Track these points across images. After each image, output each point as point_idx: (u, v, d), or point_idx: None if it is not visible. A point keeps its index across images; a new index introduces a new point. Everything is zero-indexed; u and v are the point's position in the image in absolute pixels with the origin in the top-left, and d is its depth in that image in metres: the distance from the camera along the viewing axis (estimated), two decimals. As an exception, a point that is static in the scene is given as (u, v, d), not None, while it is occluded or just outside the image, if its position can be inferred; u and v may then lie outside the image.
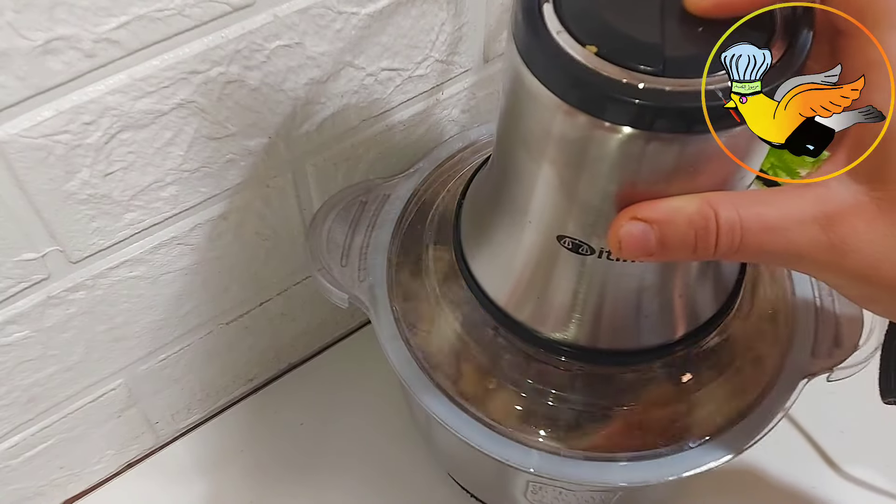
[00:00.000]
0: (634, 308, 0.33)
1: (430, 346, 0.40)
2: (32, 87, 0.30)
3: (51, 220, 0.34)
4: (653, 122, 0.25)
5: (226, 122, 0.37)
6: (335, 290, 0.40)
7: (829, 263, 0.25)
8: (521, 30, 0.27)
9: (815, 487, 0.50)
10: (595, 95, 0.25)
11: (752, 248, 0.26)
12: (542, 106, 0.27)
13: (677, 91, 0.24)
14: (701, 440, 0.36)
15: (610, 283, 0.32)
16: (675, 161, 0.26)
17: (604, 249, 0.30)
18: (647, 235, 0.27)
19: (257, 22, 0.35)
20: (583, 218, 0.29)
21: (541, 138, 0.28)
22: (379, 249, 0.41)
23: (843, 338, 0.39)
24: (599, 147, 0.26)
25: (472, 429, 0.36)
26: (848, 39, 0.25)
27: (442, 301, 0.40)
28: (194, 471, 0.51)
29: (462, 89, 0.48)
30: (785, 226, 0.25)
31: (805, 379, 0.38)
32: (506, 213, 0.33)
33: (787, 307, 0.41)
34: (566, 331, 0.34)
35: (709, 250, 0.26)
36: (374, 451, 0.51)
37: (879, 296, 0.26)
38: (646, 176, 0.27)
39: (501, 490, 0.43)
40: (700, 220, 0.26)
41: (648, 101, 0.24)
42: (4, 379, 0.39)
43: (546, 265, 0.33)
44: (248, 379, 0.53)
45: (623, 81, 0.24)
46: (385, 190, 0.44)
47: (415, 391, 0.37)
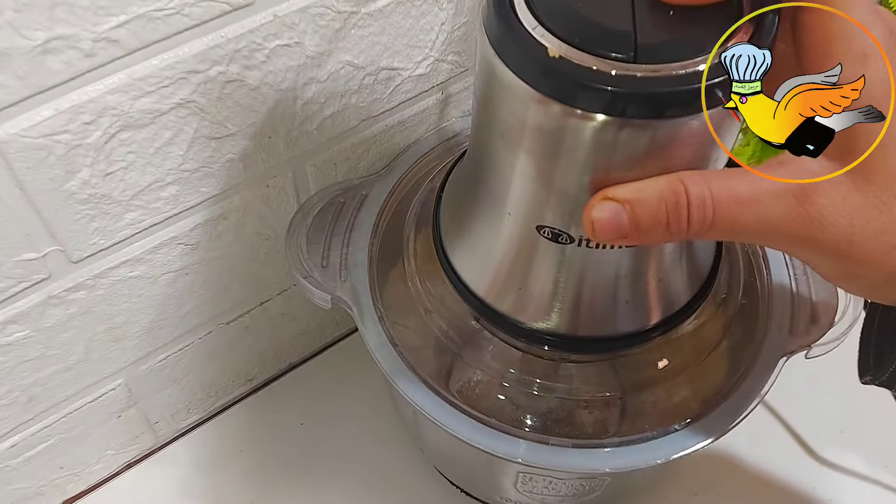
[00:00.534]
0: (612, 295, 0.33)
1: (415, 342, 0.40)
2: (32, 87, 0.30)
3: (51, 219, 0.34)
4: (625, 108, 0.25)
5: (226, 121, 0.37)
6: (317, 291, 0.40)
7: (805, 238, 0.25)
8: (493, 21, 0.27)
9: (792, 472, 0.50)
10: (567, 84, 0.25)
11: (725, 222, 0.25)
12: (515, 97, 0.27)
13: (649, 77, 0.24)
14: (685, 423, 0.37)
15: (589, 270, 0.32)
16: (648, 147, 0.26)
17: (583, 238, 0.30)
18: (619, 216, 0.26)
19: (257, 21, 0.35)
20: (561, 207, 0.29)
21: (516, 129, 0.28)
22: (359, 249, 0.41)
23: (820, 314, 0.40)
24: (574, 136, 0.26)
25: (459, 422, 0.36)
26: (807, 14, 0.25)
27: (424, 296, 0.40)
28: (194, 471, 0.51)
29: (462, 89, 0.48)
30: (758, 198, 0.25)
31: (784, 357, 0.38)
32: (484, 205, 0.33)
33: (763, 288, 0.41)
34: (547, 320, 0.35)
35: (681, 227, 0.26)
36: (374, 451, 0.51)
37: (855, 270, 0.26)
38: (620, 163, 0.27)
39: (493, 483, 0.44)
40: (671, 195, 0.26)
41: (620, 88, 0.24)
42: (4, 378, 0.39)
43: (526, 256, 0.33)
44: (247, 379, 0.53)
45: (594, 69, 0.25)
46: (363, 189, 0.44)
47: (400, 387, 0.37)
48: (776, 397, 0.53)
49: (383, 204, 0.44)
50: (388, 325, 0.39)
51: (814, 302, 0.40)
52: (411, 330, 0.43)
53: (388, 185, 0.44)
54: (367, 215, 0.43)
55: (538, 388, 0.39)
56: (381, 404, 0.53)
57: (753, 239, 0.27)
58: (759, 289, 0.42)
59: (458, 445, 0.36)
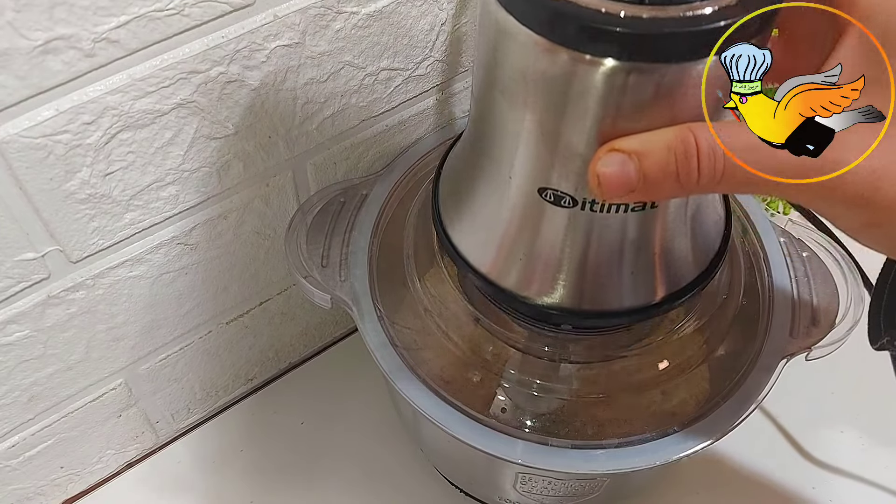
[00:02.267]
0: (618, 265, 0.32)
1: (415, 343, 0.40)
2: (32, 87, 0.30)
3: (51, 219, 0.34)
4: (637, 50, 0.24)
5: (226, 121, 0.37)
6: (317, 291, 0.40)
7: (824, 187, 0.24)
8: None
9: (791, 473, 0.50)
10: (575, 28, 0.25)
11: (737, 173, 0.24)
12: (521, 46, 0.26)
13: (658, 17, 0.24)
14: (685, 425, 0.37)
15: (594, 236, 0.31)
16: (656, 93, 0.25)
17: (586, 200, 0.29)
18: (627, 167, 0.25)
19: (257, 21, 0.35)
20: (564, 166, 0.29)
21: (520, 82, 0.28)
22: (359, 249, 0.41)
23: (820, 317, 0.40)
24: (581, 84, 0.26)
25: (458, 422, 0.36)
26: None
27: (424, 296, 0.40)
28: (194, 471, 0.51)
29: (462, 89, 0.48)
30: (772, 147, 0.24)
31: (784, 359, 0.38)
32: (485, 173, 0.33)
33: (763, 290, 0.41)
34: (552, 293, 0.34)
35: (692, 177, 0.25)
36: (374, 451, 0.51)
37: (879, 219, 0.25)
38: (627, 112, 0.26)
39: (492, 483, 0.44)
40: (679, 144, 0.25)
41: (630, 30, 0.24)
42: (5, 378, 0.39)
43: (529, 223, 0.32)
44: (247, 379, 0.53)
45: (603, 11, 0.24)
46: (363, 189, 0.44)
47: (400, 387, 0.37)
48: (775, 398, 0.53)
49: (383, 204, 0.44)
50: (388, 325, 0.39)
51: (814, 304, 0.40)
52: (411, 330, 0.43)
53: (388, 185, 0.44)
54: (367, 215, 0.43)
55: (538, 389, 0.39)
56: (381, 404, 0.53)
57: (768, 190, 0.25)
58: (760, 290, 0.41)
59: (458, 446, 0.36)
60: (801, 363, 0.39)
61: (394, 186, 0.44)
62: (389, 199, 0.44)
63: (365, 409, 0.53)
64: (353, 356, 0.56)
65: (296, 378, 0.55)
